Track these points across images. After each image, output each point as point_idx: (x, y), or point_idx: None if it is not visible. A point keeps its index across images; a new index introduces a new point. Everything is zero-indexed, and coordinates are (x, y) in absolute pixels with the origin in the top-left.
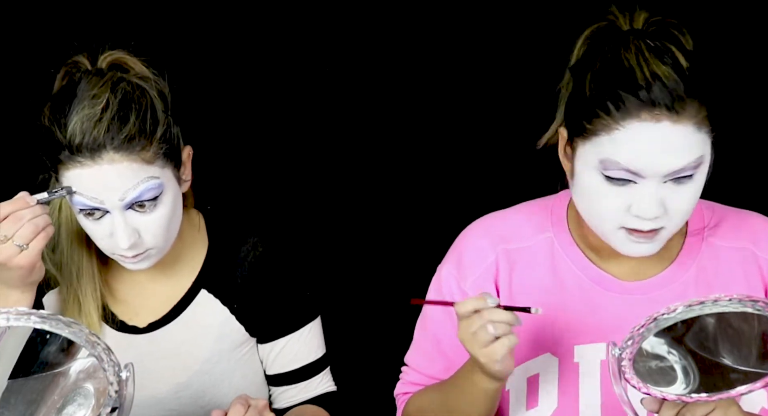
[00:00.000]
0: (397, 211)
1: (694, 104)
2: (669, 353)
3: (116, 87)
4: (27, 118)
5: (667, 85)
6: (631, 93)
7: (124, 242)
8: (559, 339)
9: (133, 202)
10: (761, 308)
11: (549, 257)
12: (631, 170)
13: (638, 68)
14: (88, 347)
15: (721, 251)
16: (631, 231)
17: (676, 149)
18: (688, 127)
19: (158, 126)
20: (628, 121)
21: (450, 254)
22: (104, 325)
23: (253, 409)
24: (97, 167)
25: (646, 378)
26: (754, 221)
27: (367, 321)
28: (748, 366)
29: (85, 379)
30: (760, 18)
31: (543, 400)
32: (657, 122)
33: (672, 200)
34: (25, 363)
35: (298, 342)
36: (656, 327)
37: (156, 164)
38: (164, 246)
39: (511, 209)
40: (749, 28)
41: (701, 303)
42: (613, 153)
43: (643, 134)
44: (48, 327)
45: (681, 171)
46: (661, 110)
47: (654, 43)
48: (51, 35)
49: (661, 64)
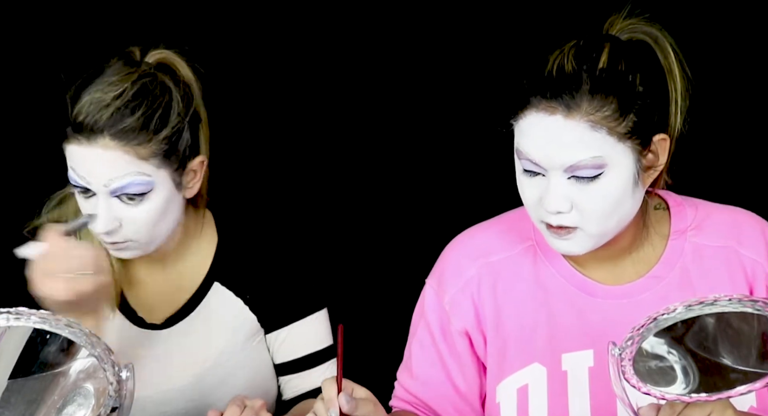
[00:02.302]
0: (400, 210)
1: (594, 102)
2: (669, 353)
3: (139, 80)
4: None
5: (566, 80)
6: (534, 84)
7: (99, 227)
8: (546, 348)
9: (119, 191)
10: (761, 308)
11: (532, 265)
12: (532, 160)
13: (551, 63)
14: (88, 347)
15: (704, 250)
16: (548, 226)
17: (568, 143)
18: (581, 123)
19: (165, 127)
20: (528, 111)
21: (435, 267)
22: (125, 322)
23: (249, 409)
24: (91, 148)
25: (646, 378)
26: (739, 217)
27: (372, 320)
28: (747, 366)
29: (85, 379)
30: (755, 20)
31: (533, 411)
32: (551, 114)
33: (579, 198)
34: (25, 363)
35: (304, 330)
36: (656, 327)
37: (151, 161)
38: (148, 242)
39: (493, 220)
40: (744, 29)
41: (701, 303)
42: (519, 143)
43: (538, 125)
44: (48, 327)
45: (577, 168)
46: (557, 104)
47: (586, 43)
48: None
49: (573, 60)
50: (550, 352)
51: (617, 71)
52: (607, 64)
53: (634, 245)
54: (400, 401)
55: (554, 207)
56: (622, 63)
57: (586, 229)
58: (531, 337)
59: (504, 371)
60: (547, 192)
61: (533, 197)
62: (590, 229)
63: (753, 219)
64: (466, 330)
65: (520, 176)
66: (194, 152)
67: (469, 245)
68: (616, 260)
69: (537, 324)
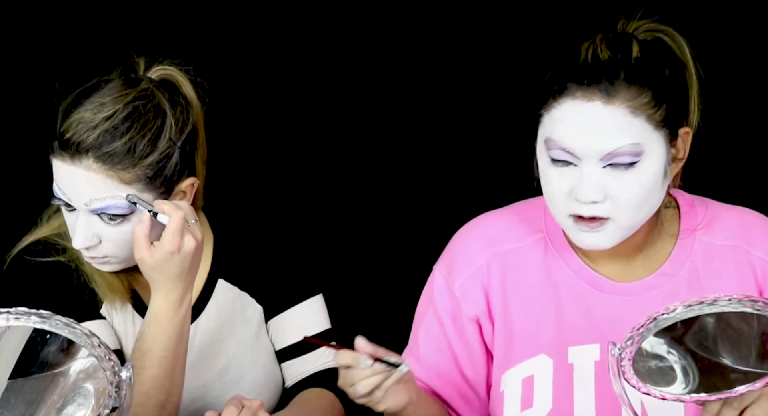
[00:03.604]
0: (401, 206)
1: (631, 90)
2: (668, 353)
3: (132, 102)
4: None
5: (603, 67)
6: (570, 72)
7: (77, 243)
8: (554, 340)
9: (99, 211)
10: (761, 308)
11: (542, 257)
12: (566, 149)
13: (584, 52)
14: (88, 347)
15: (714, 249)
16: (577, 219)
17: (607, 130)
18: (621, 109)
19: (152, 153)
20: (564, 99)
21: (444, 255)
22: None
23: (247, 410)
24: (74, 167)
25: (646, 378)
26: (748, 218)
27: (371, 314)
28: (747, 366)
29: (85, 379)
30: (760, 20)
31: (538, 401)
32: (589, 101)
33: (614, 187)
34: (25, 363)
35: (301, 314)
36: (656, 326)
37: (134, 186)
38: (127, 258)
39: (505, 209)
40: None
41: (701, 303)
42: (552, 132)
43: (575, 112)
44: (48, 326)
45: (615, 155)
46: (594, 91)
47: (615, 36)
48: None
49: (606, 50)
50: (557, 344)
51: (651, 62)
52: (640, 55)
53: (646, 242)
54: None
55: (589, 196)
56: (653, 55)
57: (618, 220)
58: (538, 329)
59: (510, 360)
60: (580, 182)
61: (562, 188)
62: (621, 220)
63: (762, 220)
64: (477, 317)
65: (547, 168)
66: (186, 173)
67: (479, 233)
68: (628, 257)
69: (545, 316)
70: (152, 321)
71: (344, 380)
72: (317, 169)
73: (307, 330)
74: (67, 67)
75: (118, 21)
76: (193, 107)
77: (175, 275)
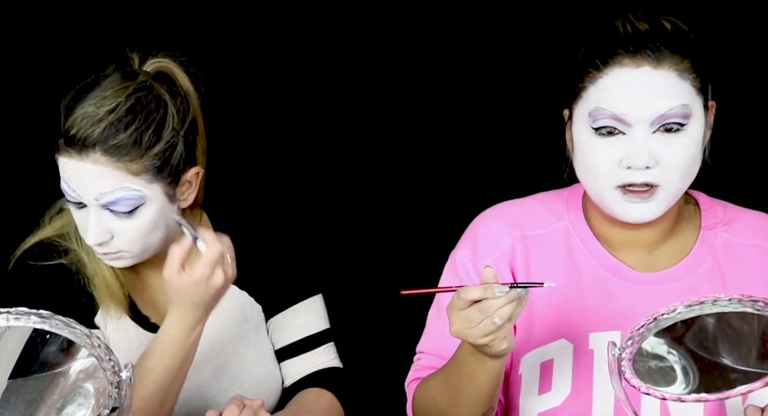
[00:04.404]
0: (404, 207)
1: (675, 57)
2: (669, 353)
3: (133, 94)
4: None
5: (647, 37)
6: (614, 43)
7: (90, 239)
8: (575, 325)
9: (109, 205)
10: (761, 308)
11: (565, 244)
12: (617, 117)
13: (621, 26)
14: (88, 347)
15: (735, 247)
16: (625, 191)
17: (659, 92)
18: (670, 72)
19: (157, 143)
20: (611, 68)
21: (464, 239)
22: (139, 330)
23: (248, 409)
24: (81, 162)
25: (646, 378)
26: (767, 221)
27: (372, 315)
28: (747, 366)
29: (85, 379)
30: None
31: (556, 385)
32: (638, 67)
33: (663, 152)
34: (25, 363)
35: (300, 314)
36: (656, 326)
37: (142, 177)
38: (140, 252)
39: (526, 198)
40: (752, 32)
41: (701, 303)
42: (599, 101)
43: (625, 79)
44: (48, 327)
45: (667, 117)
46: (642, 57)
47: (642, 14)
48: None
49: (644, 23)
50: (578, 330)
51: (682, 32)
52: (672, 27)
53: (671, 232)
54: (427, 369)
55: (643, 162)
56: (680, 28)
57: (667, 187)
58: (560, 314)
59: (530, 343)
60: (632, 148)
61: (610, 158)
62: (670, 186)
63: None
64: None
65: (591, 141)
66: (189, 163)
67: (503, 217)
68: (651, 247)
69: (566, 301)
70: (161, 340)
71: (467, 318)
72: (318, 167)
73: (307, 329)
74: (60, 66)
75: (109, 17)
76: (191, 98)
77: (195, 303)
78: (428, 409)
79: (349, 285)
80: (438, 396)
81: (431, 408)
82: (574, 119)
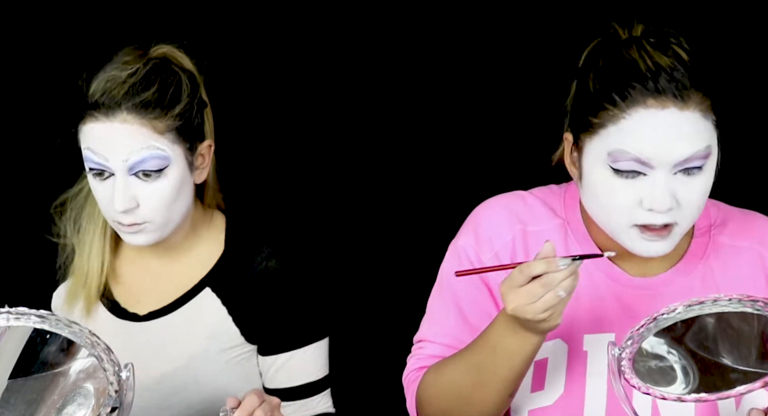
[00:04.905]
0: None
1: (698, 94)
2: (669, 353)
3: (150, 61)
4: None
5: (672, 75)
6: (637, 82)
7: (120, 205)
8: (570, 326)
9: (137, 167)
10: (761, 308)
11: (563, 243)
12: (640, 160)
13: (641, 60)
14: (88, 347)
15: (728, 249)
16: (643, 229)
17: (685, 135)
18: (695, 113)
19: (177, 103)
20: (634, 109)
21: (466, 228)
22: (101, 308)
23: (267, 404)
24: (109, 123)
25: (646, 378)
26: (761, 221)
27: (375, 341)
28: (747, 366)
29: (85, 379)
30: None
31: (549, 385)
32: (663, 108)
33: (683, 193)
34: (25, 363)
35: (301, 360)
36: (656, 326)
37: (166, 136)
38: (163, 224)
39: (525, 192)
40: (749, 40)
41: (701, 303)
42: (621, 143)
43: (650, 121)
44: (48, 326)
45: (691, 160)
46: (667, 97)
47: (654, 40)
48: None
49: (663, 56)
50: (573, 331)
51: (699, 62)
52: (689, 57)
53: None
54: (431, 358)
55: (666, 206)
56: (695, 54)
57: (682, 224)
58: None
59: None
60: (653, 190)
61: (628, 200)
62: (684, 223)
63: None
64: None
65: (610, 180)
66: (203, 137)
67: (507, 209)
68: None
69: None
70: None
71: (529, 294)
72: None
73: (307, 376)
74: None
75: (109, 18)
76: (195, 77)
77: None
78: (443, 397)
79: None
80: (461, 381)
81: (448, 394)
82: (585, 152)
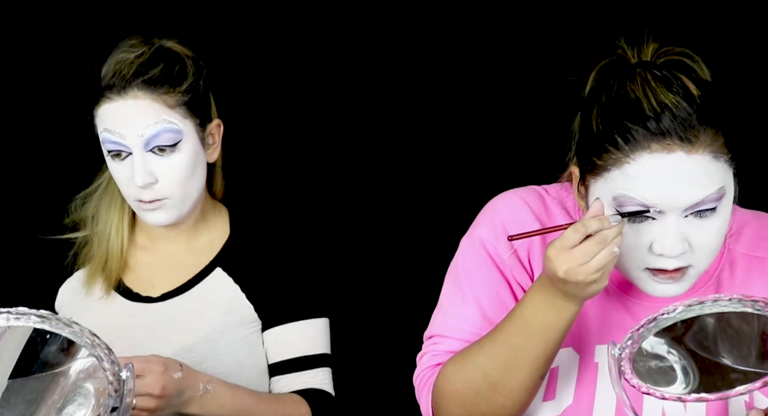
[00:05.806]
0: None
1: (708, 132)
2: (669, 353)
3: (154, 45)
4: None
5: (676, 114)
6: (639, 124)
7: (140, 179)
8: (582, 336)
9: (152, 141)
10: (761, 308)
11: None
12: (647, 206)
13: (645, 99)
14: (88, 347)
15: (740, 259)
16: (655, 272)
17: (694, 180)
18: (704, 156)
19: (184, 80)
20: (638, 153)
21: (483, 220)
22: (115, 294)
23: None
24: (122, 101)
25: (646, 378)
26: None
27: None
28: (747, 366)
29: (85, 379)
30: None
31: (560, 394)
32: (669, 152)
33: (696, 236)
34: (25, 363)
35: (301, 332)
36: (656, 326)
37: (177, 111)
38: (181, 200)
39: (540, 188)
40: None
41: (701, 303)
42: (626, 188)
43: (655, 167)
44: (48, 326)
45: (702, 204)
46: (673, 140)
47: (661, 73)
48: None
49: (668, 93)
50: (585, 341)
51: (711, 95)
52: (700, 91)
53: None
54: (447, 354)
55: (678, 251)
56: (707, 86)
57: (697, 265)
58: None
59: None
60: (663, 235)
61: (639, 243)
62: (700, 265)
63: None
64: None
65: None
66: (211, 116)
67: (526, 206)
68: None
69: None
70: None
71: (583, 253)
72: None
73: (304, 349)
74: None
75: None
76: (199, 62)
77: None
78: (468, 387)
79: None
80: (488, 367)
81: (474, 383)
82: (591, 192)
